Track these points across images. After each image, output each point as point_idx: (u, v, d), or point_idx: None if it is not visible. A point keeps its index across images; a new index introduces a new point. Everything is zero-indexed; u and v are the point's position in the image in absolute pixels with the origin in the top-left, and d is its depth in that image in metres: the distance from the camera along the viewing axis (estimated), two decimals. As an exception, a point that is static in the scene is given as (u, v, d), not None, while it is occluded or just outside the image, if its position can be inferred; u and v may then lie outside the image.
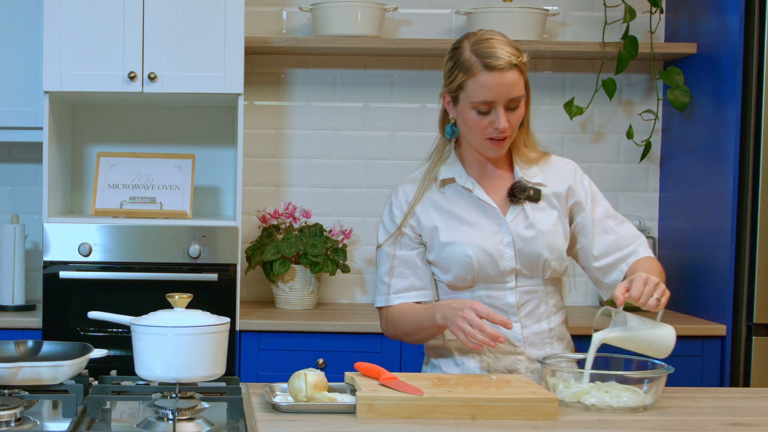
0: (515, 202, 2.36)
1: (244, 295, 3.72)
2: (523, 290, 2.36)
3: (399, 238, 2.41)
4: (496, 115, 2.26)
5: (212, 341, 2.01)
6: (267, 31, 3.82)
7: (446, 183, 2.40)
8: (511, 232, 2.34)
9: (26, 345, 2.20)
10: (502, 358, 2.37)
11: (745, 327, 3.29)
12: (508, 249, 2.34)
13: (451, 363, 2.41)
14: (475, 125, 2.29)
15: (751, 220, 3.27)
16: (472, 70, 2.25)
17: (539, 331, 2.38)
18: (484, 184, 2.39)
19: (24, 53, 3.48)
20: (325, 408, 2.01)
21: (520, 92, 2.26)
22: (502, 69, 2.23)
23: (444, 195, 2.40)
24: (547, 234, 2.34)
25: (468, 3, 3.78)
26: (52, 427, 1.92)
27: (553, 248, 2.34)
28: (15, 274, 3.51)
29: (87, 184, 3.78)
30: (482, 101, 2.25)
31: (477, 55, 2.25)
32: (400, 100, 3.86)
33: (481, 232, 2.34)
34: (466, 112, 2.29)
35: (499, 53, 2.23)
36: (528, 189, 2.35)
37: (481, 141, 2.31)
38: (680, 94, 3.59)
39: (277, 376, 3.09)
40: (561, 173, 2.42)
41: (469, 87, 2.26)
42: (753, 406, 2.17)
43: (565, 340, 2.45)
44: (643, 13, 3.70)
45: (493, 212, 2.36)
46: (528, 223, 2.34)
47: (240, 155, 3.38)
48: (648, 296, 2.14)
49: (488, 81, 2.23)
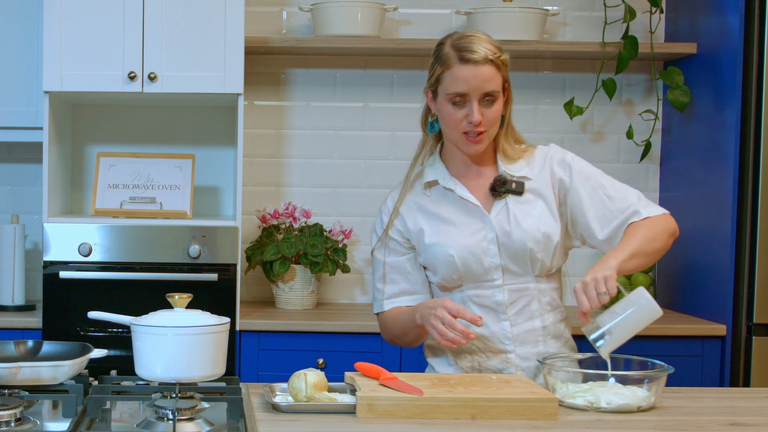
0: (497, 196, 2.36)
1: (244, 295, 3.72)
2: (511, 288, 2.36)
3: (388, 243, 2.44)
4: (470, 109, 2.28)
5: (212, 341, 2.01)
6: (267, 31, 3.82)
7: (431, 185, 2.43)
8: (495, 228, 2.34)
9: (26, 345, 2.20)
10: (492, 356, 2.37)
11: (745, 327, 3.30)
12: (492, 245, 2.34)
13: (445, 362, 2.43)
14: (449, 118, 2.32)
15: (751, 220, 3.27)
16: (449, 62, 2.29)
17: (531, 329, 2.37)
18: (468, 183, 2.40)
19: (24, 53, 3.48)
20: (325, 408, 2.01)
21: (494, 87, 2.28)
22: (476, 62, 2.27)
23: (429, 197, 2.42)
24: (531, 225, 2.33)
25: (468, 3, 3.78)
26: (52, 427, 1.92)
27: (538, 240, 2.33)
28: (15, 274, 3.51)
29: (87, 184, 3.78)
30: (456, 92, 2.28)
31: (455, 49, 2.30)
32: (400, 100, 3.86)
33: (464, 231, 2.36)
34: (443, 105, 2.33)
35: (476, 48, 2.28)
36: (509, 182, 2.36)
37: (458, 136, 2.33)
38: (680, 94, 3.59)
39: (277, 376, 3.09)
40: (542, 160, 2.41)
41: (445, 79, 2.30)
42: (753, 406, 2.17)
43: (562, 339, 2.44)
44: (643, 13, 3.70)
45: (476, 210, 2.37)
46: (511, 217, 2.34)
47: (240, 155, 3.38)
48: (596, 300, 2.14)
49: (462, 73, 2.27)
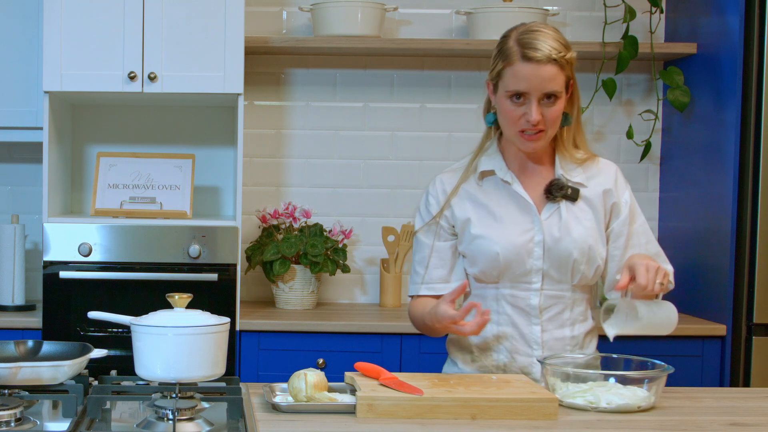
0: (552, 199, 2.32)
1: (244, 295, 3.72)
2: (548, 294, 2.33)
3: (432, 227, 2.40)
4: (529, 108, 2.23)
5: (212, 341, 2.01)
6: (267, 31, 3.82)
7: (485, 175, 2.38)
8: (543, 231, 2.31)
9: (26, 345, 2.20)
10: (518, 358, 2.35)
11: (745, 327, 3.30)
12: (537, 248, 2.31)
13: (468, 359, 2.40)
14: (507, 115, 2.27)
15: (751, 220, 3.27)
16: (511, 58, 2.24)
17: (561, 337, 2.35)
18: (523, 179, 2.36)
19: (24, 53, 3.48)
20: (325, 408, 2.01)
21: (556, 87, 2.23)
22: (539, 61, 2.21)
23: (481, 188, 2.37)
24: (580, 235, 2.30)
25: (468, 3, 3.78)
26: (52, 427, 1.92)
27: (583, 251, 2.30)
28: (15, 274, 3.51)
29: (87, 184, 3.78)
30: (515, 91, 2.23)
31: (519, 45, 2.23)
32: (400, 100, 3.86)
33: (513, 229, 2.32)
34: (502, 101, 2.27)
35: (540, 45, 2.21)
36: (566, 187, 2.32)
37: (515, 133, 2.28)
38: (680, 94, 3.59)
39: (277, 376, 3.09)
40: (602, 174, 2.38)
41: (505, 75, 2.25)
42: (753, 406, 2.17)
43: (588, 350, 2.40)
44: (643, 13, 3.70)
45: (529, 208, 2.33)
46: (562, 223, 2.31)
47: (240, 155, 3.38)
48: (653, 283, 2.13)
49: (523, 71, 2.22)
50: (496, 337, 2.36)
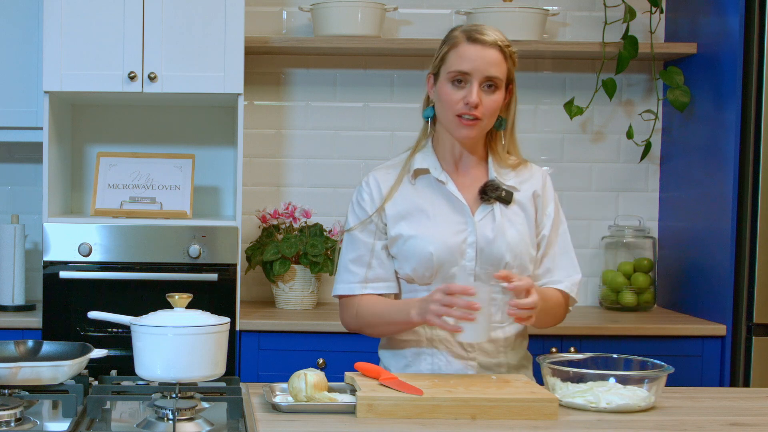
0: (486, 201, 2.33)
1: (244, 295, 3.72)
2: None
3: (368, 226, 2.37)
4: (470, 90, 2.26)
5: (212, 341, 2.01)
6: (267, 31, 3.82)
7: (419, 173, 2.37)
8: (477, 232, 2.31)
9: (26, 345, 2.20)
10: (453, 361, 2.33)
11: (745, 327, 3.29)
12: (470, 249, 2.30)
13: (402, 364, 2.38)
14: (447, 98, 2.29)
15: (751, 220, 3.27)
16: (456, 42, 2.29)
17: (494, 339, 2.33)
18: (457, 179, 2.36)
19: (24, 53, 3.48)
20: (325, 408, 2.01)
21: (498, 74, 2.26)
22: (483, 43, 2.27)
23: (414, 186, 2.37)
24: (513, 238, 2.31)
25: (468, 3, 3.78)
26: (52, 427, 1.92)
27: (516, 254, 2.30)
28: (15, 274, 3.51)
29: (87, 184, 3.78)
30: (458, 70, 2.27)
31: (464, 32, 2.30)
32: (400, 100, 3.86)
33: (446, 228, 2.31)
34: (442, 86, 2.30)
35: (486, 32, 2.29)
36: (500, 189, 2.33)
37: (452, 118, 2.29)
38: (680, 94, 3.59)
39: (277, 376, 3.09)
40: (532, 178, 2.39)
41: (449, 58, 2.29)
42: (753, 406, 2.17)
43: (521, 351, 2.40)
44: (643, 13, 3.70)
45: (462, 209, 2.33)
46: (495, 225, 2.31)
47: (240, 155, 3.38)
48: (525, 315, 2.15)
49: (468, 52, 2.27)
50: (429, 341, 2.35)
